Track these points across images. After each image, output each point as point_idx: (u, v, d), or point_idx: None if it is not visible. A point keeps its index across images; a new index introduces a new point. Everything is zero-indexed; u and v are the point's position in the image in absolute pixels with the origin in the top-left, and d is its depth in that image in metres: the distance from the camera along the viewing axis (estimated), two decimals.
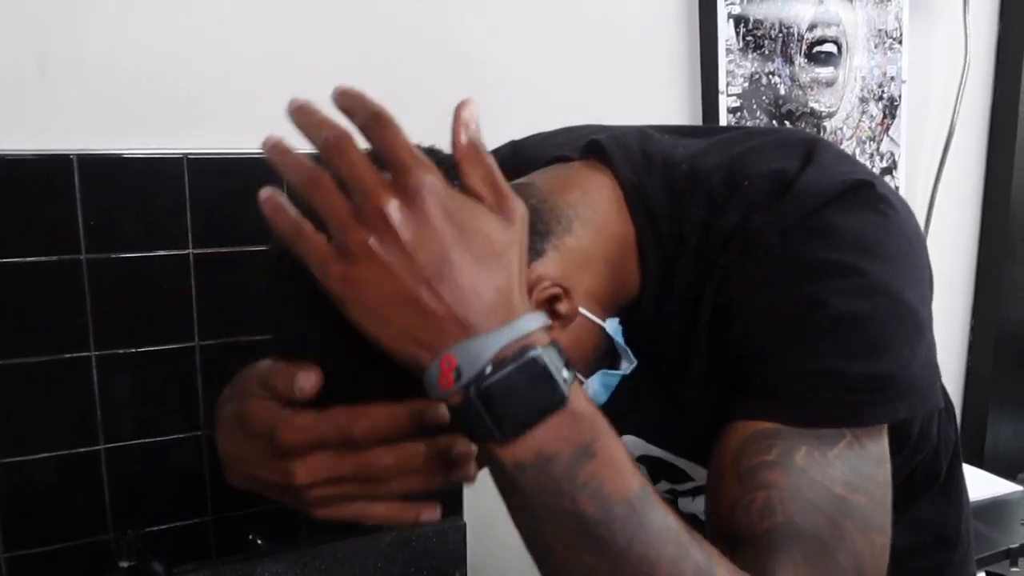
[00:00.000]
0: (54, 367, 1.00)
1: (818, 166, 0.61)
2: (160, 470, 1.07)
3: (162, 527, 1.07)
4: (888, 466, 0.56)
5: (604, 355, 0.65)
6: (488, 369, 0.44)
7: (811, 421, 0.54)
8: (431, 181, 0.44)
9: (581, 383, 0.49)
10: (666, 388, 0.66)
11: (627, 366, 0.65)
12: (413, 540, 1.21)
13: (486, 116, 1.38)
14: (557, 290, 0.59)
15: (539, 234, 0.60)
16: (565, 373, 0.46)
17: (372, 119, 0.45)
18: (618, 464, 0.47)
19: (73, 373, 1.01)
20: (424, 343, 0.45)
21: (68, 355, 1.00)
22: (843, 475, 0.53)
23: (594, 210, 0.63)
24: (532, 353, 0.45)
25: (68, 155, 0.97)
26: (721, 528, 0.54)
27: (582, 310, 0.61)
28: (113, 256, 1.00)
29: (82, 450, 1.03)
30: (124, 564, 0.97)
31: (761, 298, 0.57)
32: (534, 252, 0.59)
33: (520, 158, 0.77)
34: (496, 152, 0.80)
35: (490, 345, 0.45)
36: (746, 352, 0.58)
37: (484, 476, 0.52)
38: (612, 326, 0.63)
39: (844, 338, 0.55)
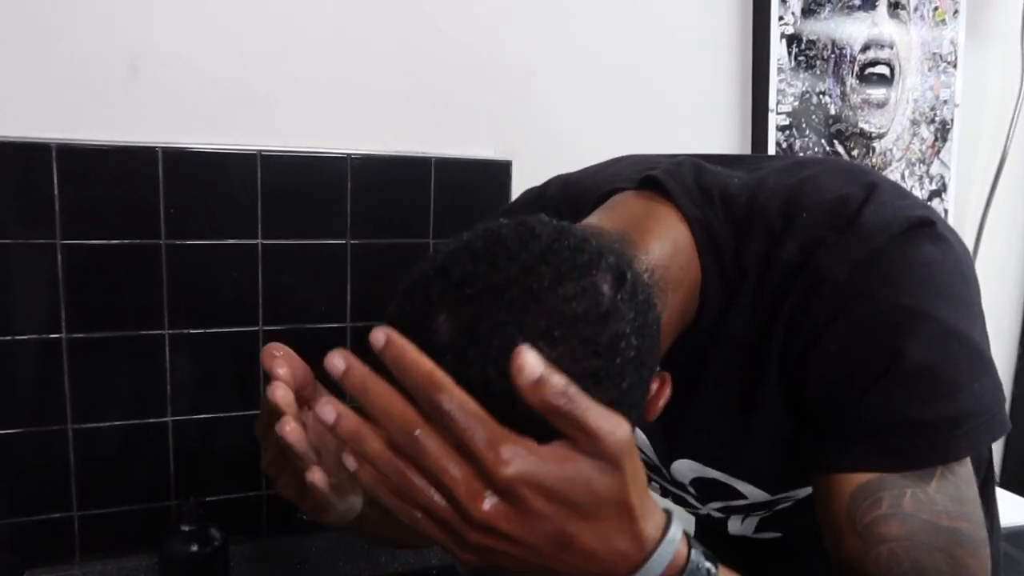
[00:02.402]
0: (130, 342, 1.08)
1: (878, 201, 0.62)
2: (220, 444, 1.14)
3: (220, 498, 1.14)
4: (975, 482, 0.60)
5: None
6: None
7: (908, 465, 0.58)
8: (521, 470, 0.43)
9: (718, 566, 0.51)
10: (730, 416, 0.67)
11: None
12: None
13: (534, 127, 1.44)
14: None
15: None
16: (713, 571, 0.49)
17: (432, 405, 0.43)
18: None
19: (147, 349, 1.09)
20: None
21: (143, 332, 1.08)
22: (945, 507, 0.58)
23: (675, 260, 0.63)
24: None
25: (154, 148, 1.05)
26: None
27: None
28: (189, 243, 1.08)
29: (151, 421, 1.10)
30: (185, 528, 1.04)
31: (840, 342, 0.59)
32: None
33: (573, 190, 0.79)
34: (546, 188, 0.83)
35: None
36: (828, 397, 0.60)
37: None
38: None
39: (926, 386, 0.57)
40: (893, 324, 0.58)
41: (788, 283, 0.61)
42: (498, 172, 1.24)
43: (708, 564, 0.49)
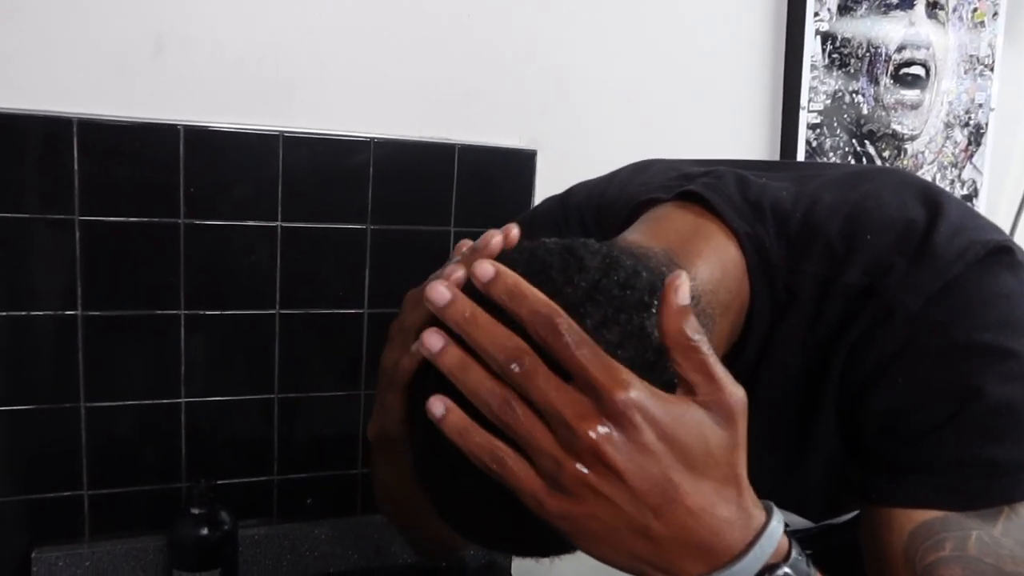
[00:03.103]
0: (145, 322, 1.07)
1: (948, 223, 0.58)
2: (233, 428, 1.13)
3: (231, 481, 1.13)
4: None
5: None
6: None
7: (974, 505, 0.55)
8: (637, 397, 0.41)
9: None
10: (779, 445, 0.64)
11: None
12: None
13: (561, 118, 1.43)
14: None
15: None
16: (811, 571, 0.46)
17: (549, 330, 0.41)
18: None
19: (162, 329, 1.08)
20: (662, 568, 0.44)
21: (159, 311, 1.07)
22: (1011, 551, 0.54)
23: (723, 283, 0.59)
24: (780, 572, 0.44)
25: (176, 126, 1.04)
26: None
27: None
28: (208, 223, 1.07)
29: (164, 401, 1.09)
30: (195, 511, 1.03)
31: (910, 376, 0.55)
32: None
33: (600, 200, 0.75)
34: (568, 197, 0.79)
35: (746, 572, 0.44)
36: (891, 431, 0.57)
37: None
38: None
39: (1002, 426, 0.54)
40: (970, 360, 0.55)
41: (852, 310, 0.57)
42: (523, 162, 1.22)
43: (807, 564, 0.46)
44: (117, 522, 1.09)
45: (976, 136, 1.59)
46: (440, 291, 0.43)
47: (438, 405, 0.43)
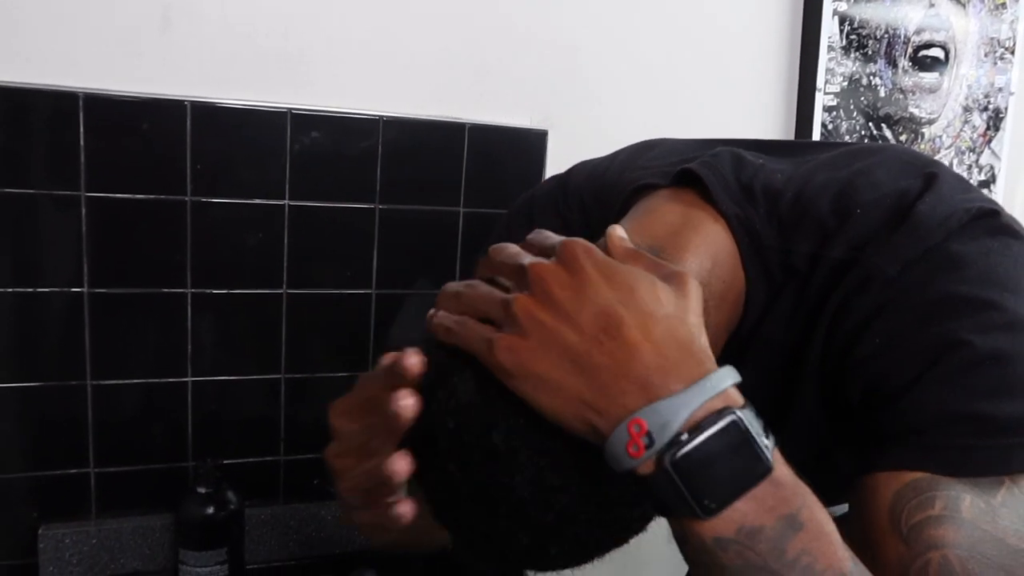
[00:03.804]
0: (152, 300, 1.06)
1: (936, 193, 0.56)
2: (240, 407, 1.13)
3: (237, 461, 1.13)
4: None
5: None
6: (684, 435, 0.41)
7: (966, 471, 0.49)
8: (585, 245, 0.44)
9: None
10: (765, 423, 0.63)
11: None
12: None
13: (573, 97, 1.41)
14: None
15: None
16: (766, 439, 0.43)
17: (495, 250, 0.49)
18: (827, 535, 0.44)
19: (168, 307, 1.07)
20: (600, 408, 0.42)
21: (166, 290, 1.06)
22: (1012, 524, 0.49)
23: (716, 273, 0.58)
24: (730, 416, 0.42)
25: (183, 101, 1.03)
26: None
27: None
28: (215, 200, 1.06)
29: (170, 380, 1.09)
30: (201, 490, 1.03)
31: (888, 335, 0.53)
32: None
33: (599, 182, 0.74)
34: (569, 177, 0.78)
35: (683, 406, 0.41)
36: (874, 393, 0.53)
37: None
38: None
39: (989, 378, 0.50)
40: (946, 312, 0.51)
41: (833, 282, 0.56)
42: (534, 142, 1.21)
43: (762, 427, 0.43)
44: (124, 500, 1.09)
45: (995, 121, 1.56)
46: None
47: (433, 312, 0.49)
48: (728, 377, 0.43)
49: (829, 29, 1.37)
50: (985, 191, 1.58)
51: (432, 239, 1.16)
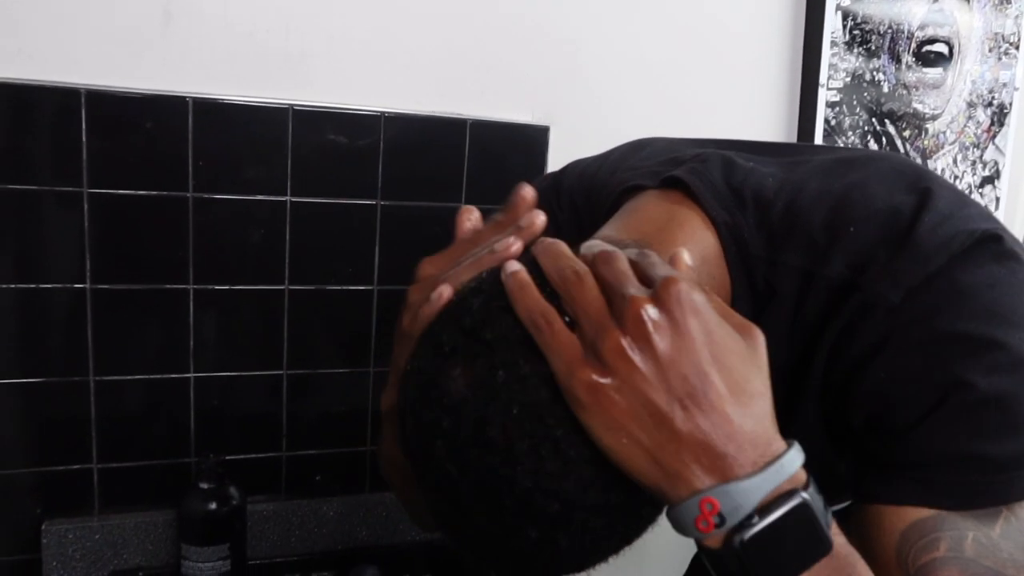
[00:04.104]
0: (154, 296, 1.06)
1: (935, 211, 0.55)
2: (242, 403, 1.13)
3: (240, 457, 1.13)
4: None
5: None
6: (754, 517, 0.42)
7: (968, 505, 0.52)
8: (692, 292, 0.43)
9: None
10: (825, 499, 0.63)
11: None
12: None
13: (574, 93, 1.40)
14: None
15: None
16: (828, 516, 0.44)
17: (605, 257, 0.45)
18: None
19: (171, 303, 1.07)
20: (672, 472, 0.42)
21: (168, 286, 1.06)
22: (1011, 554, 0.52)
23: (703, 270, 0.58)
24: (798, 499, 0.42)
25: (185, 98, 1.03)
26: None
27: None
28: (217, 196, 1.06)
29: (173, 376, 1.09)
30: (204, 486, 1.03)
31: (892, 369, 0.53)
32: None
33: (590, 182, 0.73)
34: (562, 177, 0.78)
35: (757, 491, 0.42)
36: (875, 426, 0.55)
37: None
38: None
39: (992, 420, 0.52)
40: (953, 351, 0.52)
41: (834, 304, 0.55)
42: (535, 138, 1.21)
43: (824, 504, 0.44)
44: (127, 496, 1.09)
45: (999, 116, 1.55)
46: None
47: (513, 264, 0.47)
48: (797, 458, 0.44)
49: (832, 24, 1.37)
50: (989, 187, 1.57)
51: (434, 235, 1.16)
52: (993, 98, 1.54)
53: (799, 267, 0.57)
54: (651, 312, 0.42)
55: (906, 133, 1.47)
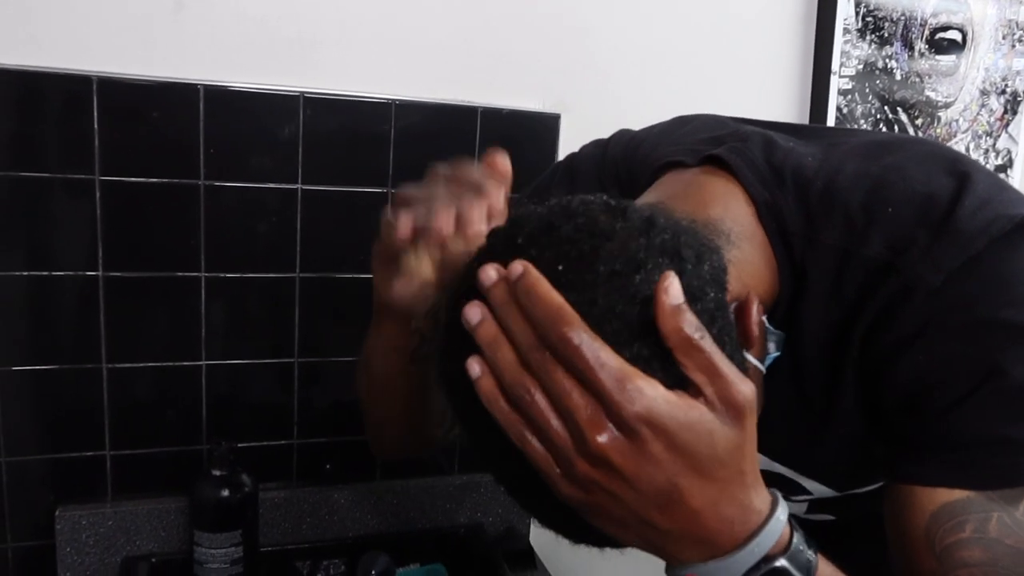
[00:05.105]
0: (166, 284, 1.06)
1: (974, 195, 0.56)
2: (253, 391, 1.13)
3: (251, 444, 1.14)
4: None
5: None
6: None
7: (995, 485, 0.54)
8: (645, 409, 0.42)
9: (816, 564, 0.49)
10: (803, 414, 0.63)
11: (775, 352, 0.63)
12: (482, 486, 1.25)
13: (586, 80, 1.39)
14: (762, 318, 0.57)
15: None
16: (811, 560, 0.47)
17: (559, 337, 0.42)
18: None
19: (182, 291, 1.07)
20: (664, 553, 0.47)
21: (180, 273, 1.07)
22: None
23: (742, 228, 0.59)
24: (778, 563, 0.46)
25: (196, 85, 1.03)
26: None
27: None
28: (228, 184, 1.06)
29: (184, 364, 1.10)
30: (216, 473, 1.04)
31: (931, 353, 0.54)
32: None
33: (635, 153, 0.74)
34: (609, 146, 0.78)
35: (739, 564, 0.45)
36: (912, 408, 0.56)
37: None
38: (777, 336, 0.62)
39: (1022, 407, 0.54)
40: (994, 337, 0.53)
41: (871, 284, 0.56)
42: (547, 125, 1.20)
43: (809, 552, 0.47)
44: (139, 482, 1.10)
45: (1013, 104, 1.54)
46: (489, 273, 0.45)
47: (474, 367, 0.45)
48: (777, 526, 0.46)
49: (845, 11, 1.35)
50: (1002, 175, 1.56)
51: None
52: (1006, 86, 1.53)
53: (837, 246, 0.58)
54: (611, 443, 0.42)
55: (918, 121, 1.46)
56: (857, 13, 1.37)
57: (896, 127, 1.44)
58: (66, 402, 1.05)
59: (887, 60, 1.41)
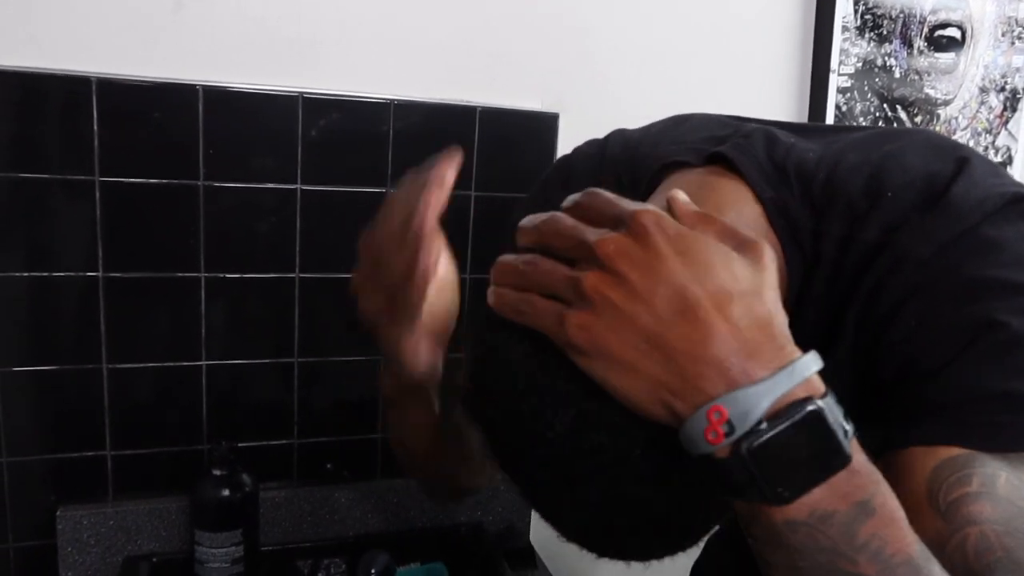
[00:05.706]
0: (166, 284, 1.07)
1: (969, 177, 0.56)
2: (253, 391, 1.14)
3: (252, 444, 1.14)
4: None
5: None
6: (763, 424, 0.40)
7: (999, 446, 0.51)
8: (657, 216, 0.41)
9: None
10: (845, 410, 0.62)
11: None
12: None
13: (584, 80, 1.39)
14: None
15: None
16: (846, 426, 0.42)
17: (577, 201, 0.46)
18: (897, 521, 0.44)
19: (182, 291, 1.07)
20: (677, 391, 0.41)
21: (180, 274, 1.07)
22: None
23: (755, 230, 0.58)
24: (812, 406, 0.41)
25: (195, 85, 1.03)
26: None
27: None
28: (228, 185, 1.06)
29: (185, 364, 1.10)
30: (216, 472, 1.04)
31: (923, 316, 0.53)
32: None
33: (634, 153, 0.74)
34: (606, 146, 0.78)
35: (765, 395, 0.40)
36: (909, 372, 0.54)
37: None
38: None
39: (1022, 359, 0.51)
40: (983, 294, 0.52)
41: (865, 264, 0.56)
42: (545, 125, 1.20)
43: (843, 414, 0.42)
44: (140, 482, 1.10)
45: (1012, 102, 1.54)
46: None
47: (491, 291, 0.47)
48: (812, 364, 0.42)
49: (843, 9, 1.35)
50: None
51: (444, 222, 1.16)
52: (1006, 83, 1.53)
53: (840, 235, 0.58)
54: (620, 244, 0.42)
55: (918, 119, 1.46)
56: (856, 11, 1.37)
57: (895, 125, 1.44)
58: (67, 402, 1.06)
59: (886, 58, 1.41)
